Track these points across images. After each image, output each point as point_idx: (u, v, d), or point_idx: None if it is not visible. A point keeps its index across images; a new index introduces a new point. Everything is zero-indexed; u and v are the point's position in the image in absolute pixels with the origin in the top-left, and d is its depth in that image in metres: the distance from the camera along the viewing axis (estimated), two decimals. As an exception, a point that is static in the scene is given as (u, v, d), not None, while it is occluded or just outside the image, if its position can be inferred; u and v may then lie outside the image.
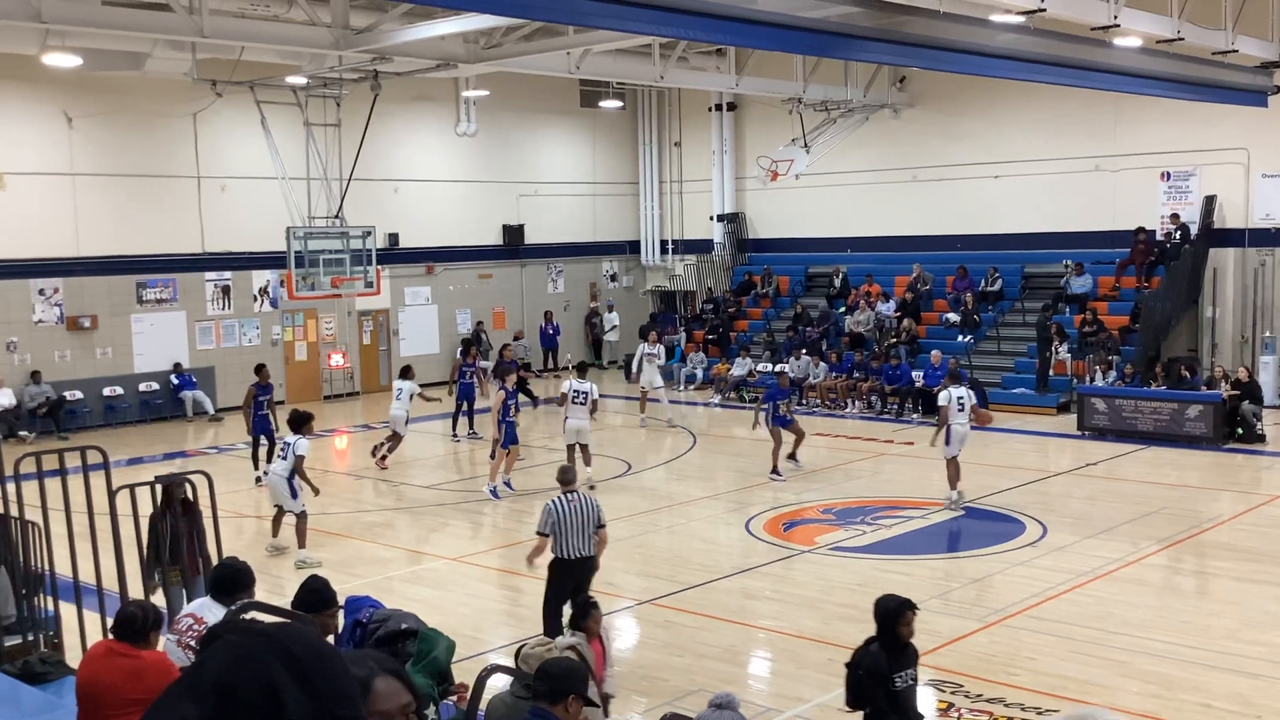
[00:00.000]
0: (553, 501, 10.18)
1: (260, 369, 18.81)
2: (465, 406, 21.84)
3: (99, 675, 5.53)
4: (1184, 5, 16.82)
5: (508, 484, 17.05)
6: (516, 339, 28.96)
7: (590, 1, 11.52)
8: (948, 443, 15.68)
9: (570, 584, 10.01)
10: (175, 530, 9.99)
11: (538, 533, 10.33)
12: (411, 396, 19.16)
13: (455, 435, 21.96)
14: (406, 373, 19.69)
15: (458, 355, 23.54)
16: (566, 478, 10.55)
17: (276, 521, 14.07)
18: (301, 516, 13.70)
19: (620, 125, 33.54)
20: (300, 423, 13.88)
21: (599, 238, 33.36)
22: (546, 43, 20.20)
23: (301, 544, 13.59)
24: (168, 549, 9.92)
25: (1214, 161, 24.24)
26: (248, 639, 1.80)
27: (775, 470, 17.65)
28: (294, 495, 13.65)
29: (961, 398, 15.69)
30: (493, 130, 30.01)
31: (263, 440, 17.83)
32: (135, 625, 5.61)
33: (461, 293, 30.19)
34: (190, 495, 10.11)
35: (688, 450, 20.65)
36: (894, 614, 6.98)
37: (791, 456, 18.22)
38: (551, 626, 10.18)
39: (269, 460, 16.33)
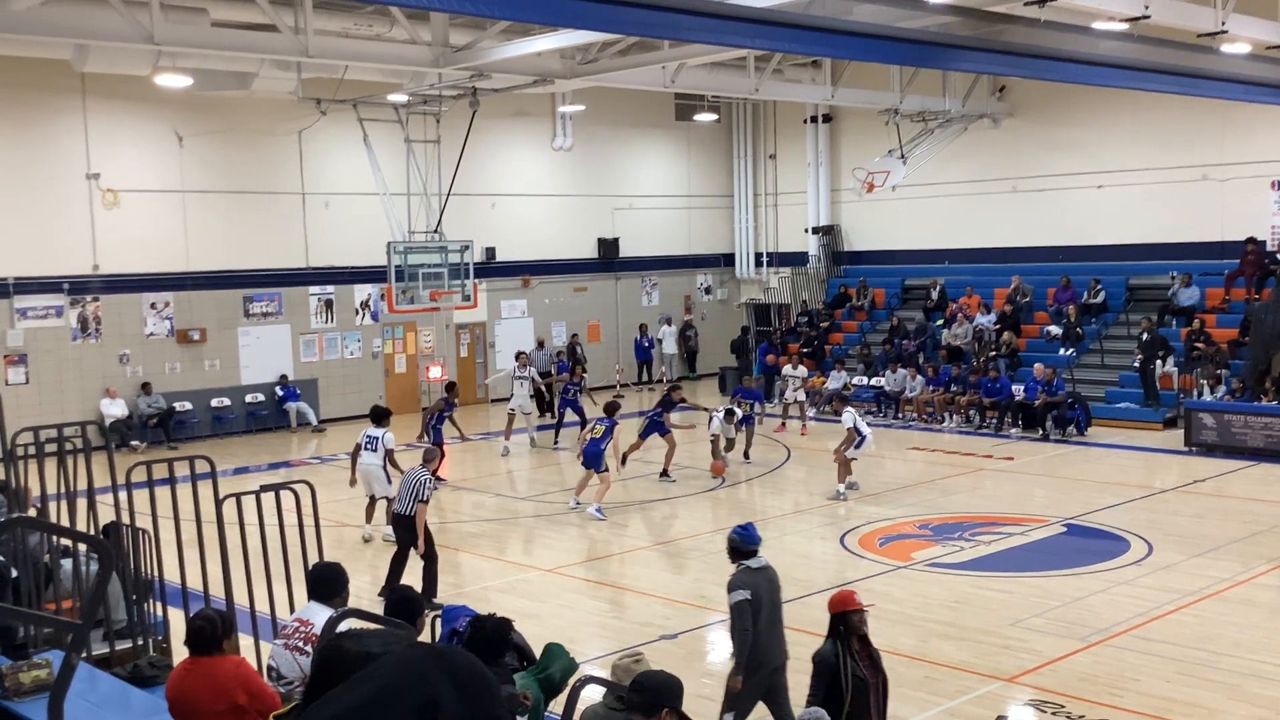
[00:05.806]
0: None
1: (451, 386, 20.63)
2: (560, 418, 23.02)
3: (186, 688, 5.76)
4: (1296, 9, 16.38)
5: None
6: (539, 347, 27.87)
7: (687, 15, 11.51)
8: (858, 446, 17.39)
9: (409, 540, 12.71)
10: (859, 678, 6.97)
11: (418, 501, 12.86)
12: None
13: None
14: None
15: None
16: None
17: (369, 510, 15.43)
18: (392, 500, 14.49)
19: (715, 138, 33.56)
20: (381, 417, 15.47)
21: (693, 251, 33.40)
22: (642, 57, 20.32)
23: (388, 522, 14.65)
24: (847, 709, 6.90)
25: (1328, 169, 23.54)
26: (413, 651, 2.06)
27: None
28: (389, 481, 14.90)
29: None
30: (588, 144, 30.24)
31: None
32: (204, 638, 5.81)
33: (557, 305, 30.44)
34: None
35: (782, 464, 20.54)
36: None
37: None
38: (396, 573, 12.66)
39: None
